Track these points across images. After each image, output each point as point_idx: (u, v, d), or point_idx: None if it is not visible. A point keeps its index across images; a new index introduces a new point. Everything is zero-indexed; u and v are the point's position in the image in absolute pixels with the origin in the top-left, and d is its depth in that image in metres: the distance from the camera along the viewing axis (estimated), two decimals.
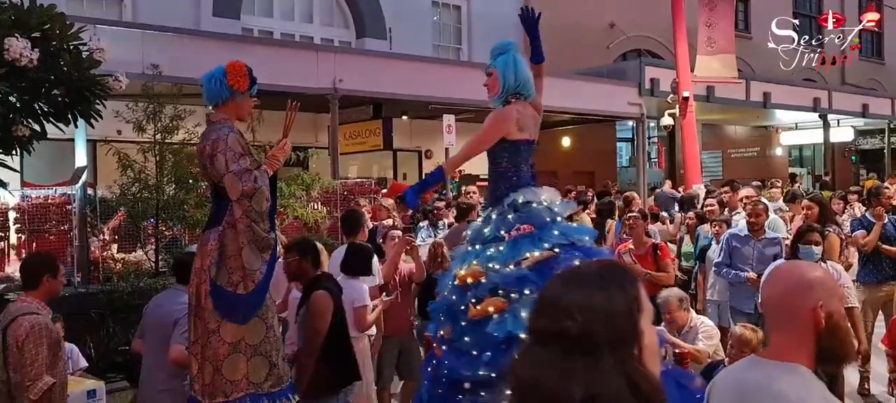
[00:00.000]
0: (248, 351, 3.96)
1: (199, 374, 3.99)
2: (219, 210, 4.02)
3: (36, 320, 4.03)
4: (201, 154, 4.03)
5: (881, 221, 7.20)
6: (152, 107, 7.56)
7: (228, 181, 3.86)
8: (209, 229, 4.07)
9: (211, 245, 3.97)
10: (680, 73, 15.93)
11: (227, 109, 4.09)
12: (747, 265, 6.62)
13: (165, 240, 8.33)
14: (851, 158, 28.68)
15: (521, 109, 4.11)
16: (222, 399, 3.92)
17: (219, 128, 4.00)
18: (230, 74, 4.03)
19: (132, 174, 7.60)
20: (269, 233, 3.98)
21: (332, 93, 12.97)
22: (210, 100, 4.09)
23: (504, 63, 4.15)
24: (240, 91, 4.07)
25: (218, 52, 12.11)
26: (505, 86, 4.12)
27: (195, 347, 4.04)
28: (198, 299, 4.00)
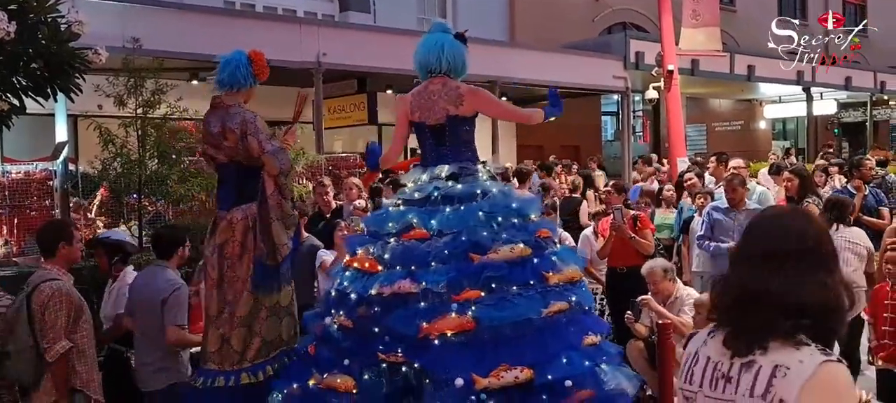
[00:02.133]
0: (282, 313, 4.33)
1: (223, 346, 4.21)
2: (240, 188, 4.26)
3: (56, 286, 4.16)
4: (220, 135, 4.21)
5: (861, 193, 7.27)
6: (133, 81, 7.46)
7: (268, 160, 4.11)
8: (234, 206, 4.26)
9: (243, 220, 4.21)
10: (665, 47, 15.92)
11: (241, 94, 4.30)
12: (729, 236, 6.67)
13: (149, 216, 8.28)
14: (834, 131, 28.87)
15: (422, 91, 4.11)
16: (262, 360, 4.23)
17: (240, 111, 4.22)
18: (256, 64, 4.28)
19: (114, 149, 7.52)
20: (293, 211, 4.32)
21: (315, 68, 12.88)
22: (229, 84, 4.26)
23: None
24: (261, 80, 4.35)
25: (199, 26, 12.00)
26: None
27: (220, 320, 4.24)
28: (220, 272, 4.23)
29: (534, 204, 4.14)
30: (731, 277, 1.88)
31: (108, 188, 8.20)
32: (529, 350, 3.48)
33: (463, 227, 3.67)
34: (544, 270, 3.70)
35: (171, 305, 4.66)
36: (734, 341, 1.79)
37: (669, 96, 15.71)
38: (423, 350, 3.43)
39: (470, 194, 3.86)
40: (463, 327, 3.42)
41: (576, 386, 3.45)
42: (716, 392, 1.79)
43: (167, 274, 4.81)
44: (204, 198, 7.89)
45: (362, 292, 3.68)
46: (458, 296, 3.49)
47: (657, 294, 5.77)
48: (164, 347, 4.72)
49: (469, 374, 3.33)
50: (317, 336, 3.94)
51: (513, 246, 3.67)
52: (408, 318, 3.49)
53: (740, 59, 20.97)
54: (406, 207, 3.89)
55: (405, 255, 3.67)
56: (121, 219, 8.56)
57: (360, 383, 3.53)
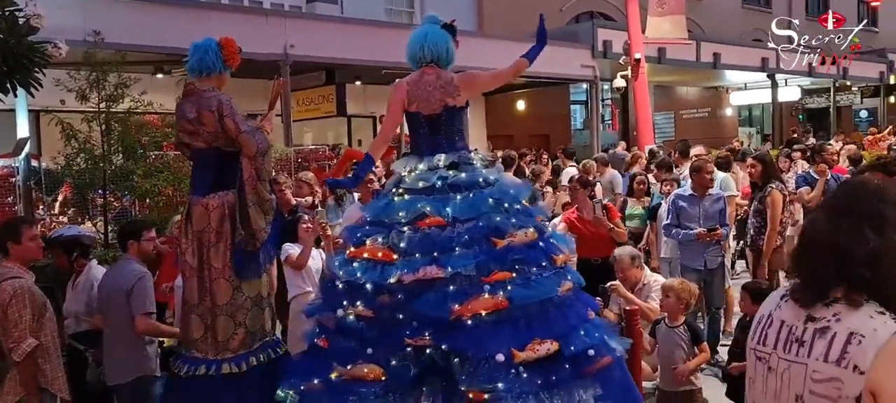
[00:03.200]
0: (263, 304, 4.39)
1: (207, 334, 4.26)
2: (219, 174, 4.29)
3: (18, 283, 4.11)
4: (196, 119, 4.21)
5: (824, 177, 7.40)
6: (95, 75, 7.33)
7: (244, 139, 4.17)
8: (210, 193, 4.27)
9: (219, 207, 4.24)
10: (631, 35, 16.06)
11: (212, 80, 4.34)
12: (694, 223, 6.75)
13: (115, 212, 8.15)
14: (798, 117, 29.33)
15: (416, 80, 4.15)
16: (244, 351, 4.27)
17: (214, 94, 4.25)
18: (226, 50, 4.33)
19: (77, 144, 7.39)
20: (270, 195, 4.35)
21: (282, 59, 12.78)
22: (200, 70, 4.30)
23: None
24: (231, 67, 4.39)
25: (163, 18, 11.84)
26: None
27: (201, 308, 4.27)
28: (199, 259, 4.26)
29: (527, 191, 4.33)
30: (807, 230, 2.02)
31: (71, 184, 8.05)
32: (554, 324, 3.72)
33: (477, 214, 3.81)
34: (552, 252, 3.94)
35: (137, 294, 4.64)
36: (802, 292, 1.90)
37: (637, 85, 15.86)
38: (454, 331, 3.57)
39: (474, 182, 3.97)
40: (498, 306, 3.60)
41: (597, 355, 3.73)
42: (789, 355, 1.87)
43: (131, 264, 4.79)
44: (170, 192, 7.78)
45: (380, 281, 3.73)
46: (488, 278, 3.65)
47: (625, 280, 5.83)
48: (130, 340, 4.69)
49: (508, 349, 3.52)
50: (328, 329, 3.95)
51: (526, 230, 3.87)
52: (438, 302, 3.61)
53: (706, 47, 21.20)
54: (412, 196, 3.94)
55: (425, 243, 3.74)
56: (86, 216, 8.43)
57: (387, 369, 3.64)
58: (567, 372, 3.65)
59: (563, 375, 3.63)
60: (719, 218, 6.77)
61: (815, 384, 1.80)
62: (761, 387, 1.97)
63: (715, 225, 6.67)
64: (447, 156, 4.06)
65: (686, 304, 5.13)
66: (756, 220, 6.77)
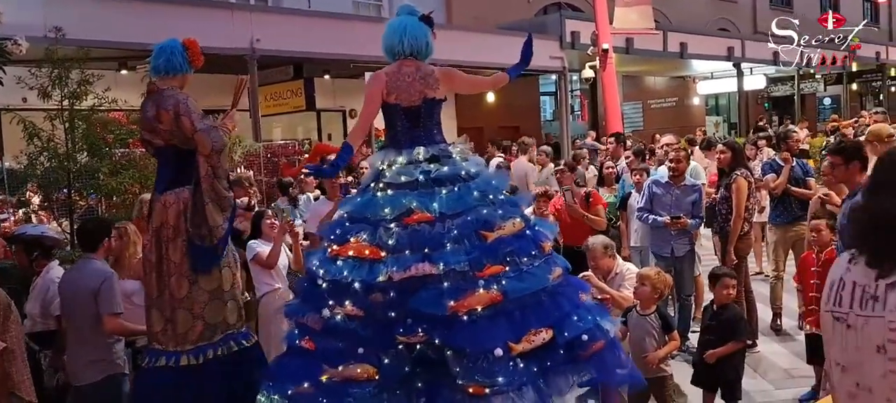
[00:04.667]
0: (225, 297, 4.41)
1: (167, 327, 4.30)
2: (178, 171, 4.35)
3: None
4: (154, 118, 4.29)
5: (789, 164, 7.50)
6: (57, 72, 7.19)
7: (199, 138, 4.21)
8: (169, 190, 4.35)
9: (175, 203, 4.30)
10: (599, 26, 16.14)
11: (175, 80, 4.40)
12: (666, 210, 6.82)
13: (80, 211, 8.01)
14: (764, 105, 29.75)
15: (395, 71, 4.07)
16: (204, 343, 4.31)
17: (173, 93, 4.31)
18: (190, 51, 4.42)
19: (40, 143, 7.24)
20: (228, 192, 4.40)
21: (249, 54, 12.65)
22: (165, 70, 4.38)
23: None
24: (195, 67, 4.47)
25: (126, 14, 11.65)
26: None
27: (161, 301, 4.31)
28: (158, 255, 4.31)
29: (507, 181, 4.33)
30: (868, 205, 2.15)
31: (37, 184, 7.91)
32: (548, 313, 3.72)
33: (464, 208, 3.78)
34: (540, 240, 3.93)
35: (104, 294, 4.59)
36: (877, 262, 2.03)
37: (605, 75, 15.95)
38: (448, 327, 3.54)
39: (458, 175, 3.92)
40: (493, 300, 3.58)
41: (590, 340, 3.73)
42: (866, 311, 2.03)
43: (95, 264, 4.72)
44: (137, 190, 7.66)
45: (369, 279, 3.66)
46: (482, 273, 3.62)
47: (597, 270, 5.85)
48: (97, 340, 4.63)
49: (505, 342, 3.51)
50: (312, 331, 3.84)
51: (513, 220, 3.85)
52: (433, 299, 3.56)
53: (673, 37, 21.40)
54: (395, 191, 3.86)
55: (415, 239, 3.68)
56: (51, 215, 8.29)
57: (380, 368, 3.60)
58: (562, 358, 3.67)
59: (558, 361, 3.66)
60: (692, 209, 6.84)
61: (892, 333, 1.97)
62: (840, 345, 2.14)
63: (680, 214, 6.74)
64: (427, 149, 4.00)
65: (660, 295, 5.19)
66: (723, 207, 6.86)
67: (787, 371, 6.43)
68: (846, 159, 5.02)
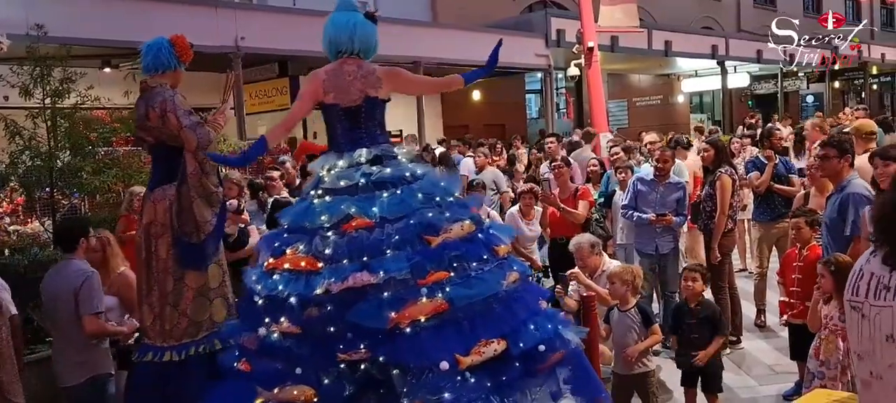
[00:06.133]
0: (211, 295, 4.38)
1: (155, 322, 4.32)
2: (167, 168, 4.37)
3: None
4: (144, 116, 4.34)
5: (772, 162, 7.55)
6: (39, 70, 7.12)
7: (186, 135, 4.23)
8: (159, 186, 4.38)
9: (162, 200, 4.32)
10: (584, 24, 16.12)
11: (166, 77, 4.43)
12: (650, 208, 6.86)
13: (63, 210, 7.93)
14: (747, 103, 29.92)
15: (336, 70, 3.90)
16: (188, 340, 4.30)
17: (161, 91, 4.34)
18: (178, 47, 4.44)
19: (21, 142, 7.16)
20: (217, 188, 4.40)
21: (234, 52, 12.58)
22: (154, 68, 4.40)
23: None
24: (184, 62, 4.49)
25: (109, 11, 11.55)
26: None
27: (151, 297, 4.33)
28: (147, 252, 4.34)
29: (458, 182, 4.11)
30: (886, 202, 2.23)
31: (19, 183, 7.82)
32: (500, 322, 3.48)
33: (407, 211, 3.55)
34: (493, 244, 3.70)
35: (85, 294, 4.57)
36: (892, 257, 2.11)
37: (590, 73, 15.93)
38: (392, 341, 3.29)
39: (400, 177, 3.72)
40: (437, 310, 3.35)
41: (548, 350, 3.53)
42: (879, 301, 2.11)
43: (75, 264, 4.68)
44: (121, 189, 7.60)
45: (305, 293, 3.42)
46: (425, 280, 3.39)
47: (585, 268, 5.88)
48: (81, 340, 4.60)
49: (451, 355, 3.26)
50: (247, 351, 3.62)
51: (461, 223, 3.63)
52: (372, 311, 3.32)
53: (658, 35, 21.49)
54: (333, 197, 3.64)
55: (353, 247, 3.46)
56: (34, 215, 8.21)
57: (320, 390, 3.34)
58: (518, 371, 3.44)
59: (513, 374, 3.42)
60: (677, 207, 6.88)
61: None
62: (857, 334, 2.22)
63: (665, 212, 6.78)
64: (368, 150, 3.79)
65: (632, 286, 5.21)
66: (708, 205, 6.90)
67: (771, 367, 6.48)
68: (840, 152, 5.08)
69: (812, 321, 4.78)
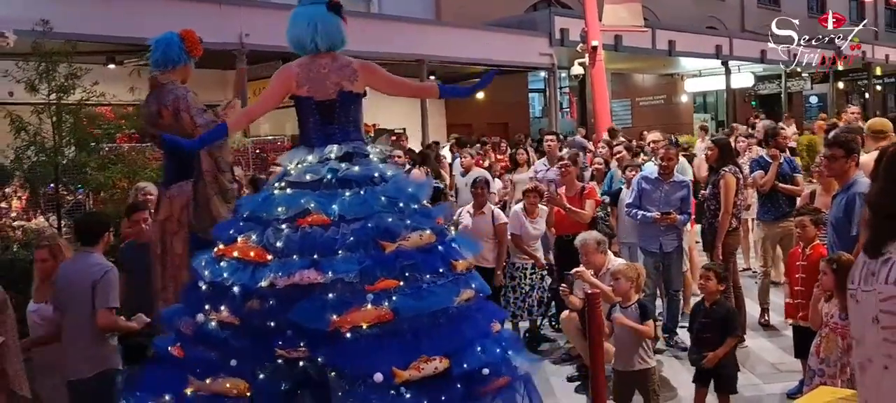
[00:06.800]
0: None
1: None
2: (180, 164, 4.36)
3: None
4: (156, 114, 4.36)
5: (777, 161, 7.54)
6: (44, 65, 7.14)
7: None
8: (174, 183, 4.41)
9: (179, 196, 4.36)
10: (588, 23, 16.16)
11: (176, 73, 4.44)
12: (655, 206, 6.85)
13: (68, 206, 7.96)
14: (751, 103, 29.88)
15: (310, 63, 3.77)
16: None
17: (173, 88, 4.35)
18: (188, 42, 4.45)
19: (26, 137, 7.19)
20: (232, 184, 4.42)
21: (238, 49, 12.58)
22: (164, 63, 4.40)
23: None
24: (194, 57, 4.51)
25: (113, 7, 11.56)
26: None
27: (166, 293, 4.34)
28: (162, 248, 4.37)
29: (426, 189, 3.93)
30: (870, 197, 2.38)
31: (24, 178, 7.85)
32: (446, 339, 3.35)
33: (367, 213, 3.42)
34: (452, 258, 3.57)
35: (102, 288, 4.56)
36: (870, 246, 2.23)
37: (594, 72, 15.98)
38: (331, 344, 3.18)
39: (367, 177, 3.59)
40: (381, 318, 3.23)
41: (492, 374, 3.40)
42: (866, 286, 2.23)
43: (95, 258, 4.70)
44: (126, 185, 7.62)
45: (249, 284, 3.30)
46: (373, 286, 3.27)
47: (590, 265, 5.88)
48: (93, 334, 4.60)
49: (389, 367, 3.15)
50: (184, 336, 3.50)
51: (421, 232, 3.50)
52: (315, 311, 3.21)
53: (661, 34, 21.47)
54: (295, 190, 3.53)
55: (305, 243, 3.34)
56: (39, 211, 8.23)
57: (254, 384, 3.23)
58: (458, 392, 3.29)
59: (454, 395, 3.28)
60: (681, 205, 6.88)
61: (882, 303, 2.14)
62: (853, 320, 2.37)
63: (670, 210, 6.78)
64: (340, 146, 3.67)
65: (635, 283, 5.24)
66: (712, 204, 6.89)
67: (775, 365, 6.47)
68: (847, 152, 5.08)
69: (813, 318, 4.78)
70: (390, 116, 18.47)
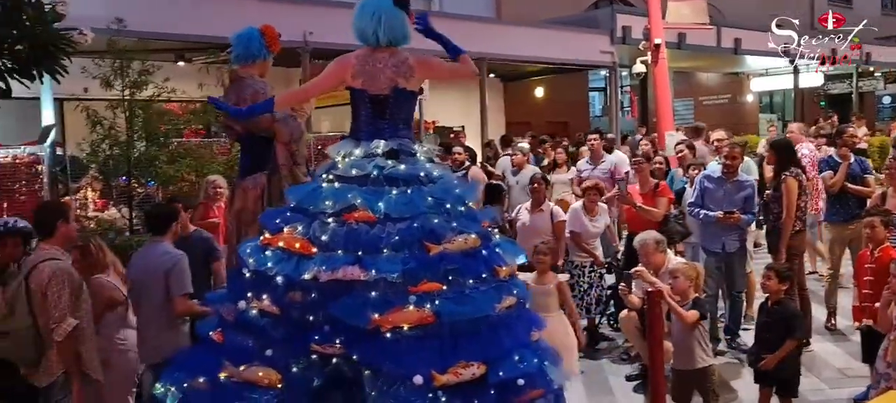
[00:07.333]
0: None
1: None
2: (256, 157, 4.53)
3: (57, 265, 4.17)
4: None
5: (847, 161, 7.33)
6: (119, 62, 7.43)
7: (278, 127, 4.39)
8: (250, 175, 4.54)
9: (254, 188, 4.48)
10: (652, 20, 15.89)
11: (255, 67, 4.59)
12: (717, 205, 6.74)
13: (138, 198, 8.26)
14: (820, 104, 28.99)
15: (368, 56, 3.75)
16: None
17: (252, 82, 4.50)
18: (267, 37, 4.59)
19: (102, 131, 7.50)
20: (306, 177, 4.45)
21: (302, 47, 12.79)
22: (244, 58, 4.58)
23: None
24: (273, 53, 4.65)
25: (184, 7, 11.89)
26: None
27: None
28: (238, 238, 4.44)
29: (474, 191, 3.93)
30: None
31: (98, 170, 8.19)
32: (484, 346, 3.34)
33: (413, 213, 3.41)
34: (495, 263, 3.54)
35: (176, 276, 4.78)
36: None
37: (657, 70, 15.70)
38: (369, 343, 3.18)
39: (414, 177, 3.57)
40: (423, 321, 3.21)
41: (527, 385, 3.36)
42: None
43: (165, 247, 4.91)
44: (193, 178, 7.87)
45: (293, 275, 3.31)
46: (416, 288, 3.26)
47: (649, 265, 5.83)
48: (167, 320, 4.80)
49: (428, 371, 3.13)
50: (225, 322, 3.53)
51: (466, 236, 3.48)
52: (356, 307, 3.20)
53: (727, 32, 21.00)
54: (342, 185, 3.53)
55: (350, 238, 3.33)
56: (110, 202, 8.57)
57: (286, 376, 3.24)
58: (491, 399, 3.27)
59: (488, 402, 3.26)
60: (744, 204, 6.74)
61: None
62: None
63: (733, 209, 6.65)
64: (387, 142, 3.64)
65: (694, 283, 5.21)
66: (775, 207, 6.74)
67: (842, 370, 6.30)
68: None
69: (881, 321, 4.66)
70: (449, 114, 18.54)
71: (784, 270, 5.35)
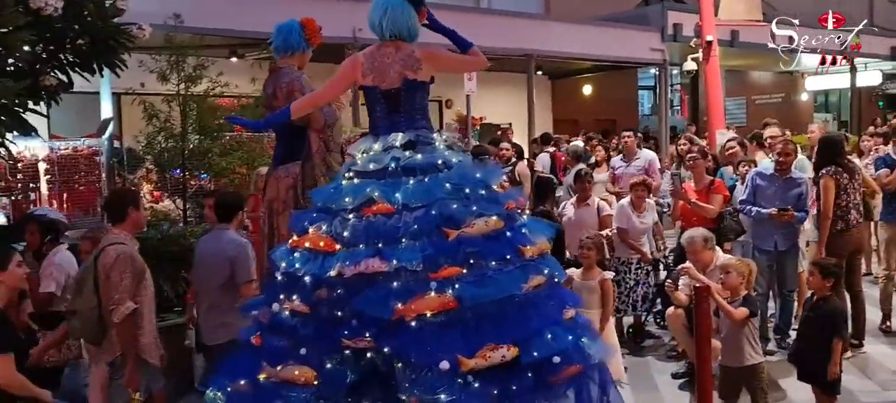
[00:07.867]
0: None
1: None
2: (291, 146, 4.58)
3: (122, 249, 4.35)
4: (272, 96, 4.59)
5: None
6: (175, 57, 7.62)
7: (314, 114, 4.41)
8: (283, 164, 4.60)
9: (286, 177, 4.54)
10: (703, 17, 15.66)
11: (294, 59, 4.67)
12: (769, 203, 6.63)
13: (192, 190, 8.45)
14: (878, 103, 28.17)
15: (375, 53, 3.81)
16: None
17: (288, 72, 4.59)
18: (308, 30, 4.68)
19: (158, 123, 7.71)
20: (340, 165, 4.45)
21: (351, 42, 12.93)
22: (284, 49, 4.65)
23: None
24: (313, 46, 4.73)
25: (236, 3, 12.14)
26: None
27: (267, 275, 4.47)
28: (270, 227, 4.57)
29: (497, 174, 3.90)
30: None
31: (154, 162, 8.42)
32: (513, 327, 3.32)
33: (431, 200, 3.42)
34: (520, 243, 3.52)
35: (241, 264, 4.95)
36: None
37: (708, 68, 15.46)
38: (396, 333, 3.20)
39: (431, 165, 3.59)
40: (445, 306, 3.23)
41: (563, 362, 3.34)
42: None
43: (231, 234, 5.10)
44: (245, 170, 8.04)
45: (319, 273, 3.38)
46: (437, 274, 3.27)
47: (697, 262, 5.78)
48: (226, 304, 4.95)
49: (454, 356, 3.14)
50: (262, 325, 3.64)
51: (487, 219, 3.46)
52: (379, 299, 3.24)
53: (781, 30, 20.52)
54: (361, 180, 3.58)
55: (369, 232, 3.39)
56: (165, 193, 8.79)
57: (321, 373, 3.29)
58: (528, 381, 3.25)
59: (523, 384, 3.24)
60: (797, 202, 6.61)
61: None
62: None
63: (787, 207, 6.52)
64: (404, 134, 3.69)
65: (746, 279, 5.13)
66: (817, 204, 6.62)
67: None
68: None
69: None
70: (496, 111, 18.54)
71: (828, 266, 5.24)
